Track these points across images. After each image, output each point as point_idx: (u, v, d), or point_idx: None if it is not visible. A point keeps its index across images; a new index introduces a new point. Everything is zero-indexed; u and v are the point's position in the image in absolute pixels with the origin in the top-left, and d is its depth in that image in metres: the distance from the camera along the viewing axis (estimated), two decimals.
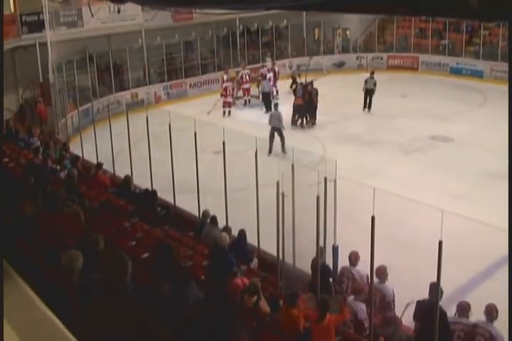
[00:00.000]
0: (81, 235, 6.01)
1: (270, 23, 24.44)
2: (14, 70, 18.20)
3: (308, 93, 18.22)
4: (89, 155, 13.49)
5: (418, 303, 6.87)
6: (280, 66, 24.62)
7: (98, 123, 15.39)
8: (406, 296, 7.18)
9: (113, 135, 12.78)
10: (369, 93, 19.31)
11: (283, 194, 7.85)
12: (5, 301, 2.69)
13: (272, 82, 21.13)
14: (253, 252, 8.85)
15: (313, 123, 18.20)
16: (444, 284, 6.50)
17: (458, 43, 24.66)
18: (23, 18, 17.89)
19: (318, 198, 7.47)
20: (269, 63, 22.51)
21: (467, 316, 6.60)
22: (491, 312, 6.38)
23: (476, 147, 15.28)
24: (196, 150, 10.31)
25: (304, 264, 8.16)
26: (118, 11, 19.62)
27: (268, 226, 8.61)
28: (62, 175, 10.60)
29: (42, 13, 17.51)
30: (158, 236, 8.35)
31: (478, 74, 23.36)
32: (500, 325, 6.28)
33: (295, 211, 7.97)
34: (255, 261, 8.61)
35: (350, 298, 7.18)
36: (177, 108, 18.82)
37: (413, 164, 14.52)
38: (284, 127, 15.97)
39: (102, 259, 2.90)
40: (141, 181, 11.30)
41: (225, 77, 20.44)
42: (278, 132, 15.57)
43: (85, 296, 3.65)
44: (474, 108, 19.52)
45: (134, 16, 20.69)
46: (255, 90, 21.19)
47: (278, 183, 7.84)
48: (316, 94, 18.39)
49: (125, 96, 20.01)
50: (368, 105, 19.38)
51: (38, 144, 13.24)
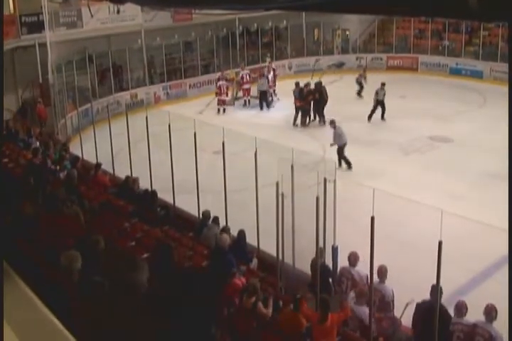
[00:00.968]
0: (81, 235, 6.01)
1: (270, 24, 24.44)
2: (14, 71, 18.19)
3: (319, 92, 18.42)
4: (88, 155, 13.48)
5: (418, 305, 6.86)
6: (280, 66, 24.68)
7: (98, 123, 15.39)
8: (406, 296, 7.18)
9: (113, 135, 12.78)
10: (381, 104, 18.46)
11: (283, 194, 7.85)
12: (5, 301, 2.69)
13: (272, 82, 21.20)
14: (253, 252, 8.84)
15: (324, 121, 18.23)
16: (444, 284, 6.50)
17: (457, 44, 24.67)
18: (23, 19, 17.88)
19: (317, 199, 7.47)
20: (271, 64, 22.63)
21: (464, 315, 6.60)
22: (491, 312, 6.38)
23: (476, 147, 15.28)
24: (196, 150, 10.31)
25: (304, 264, 8.16)
26: (117, 12, 19.63)
27: (268, 226, 8.61)
28: (61, 176, 10.60)
29: (41, 14, 17.50)
30: (158, 236, 8.35)
31: (477, 74, 23.36)
32: (500, 325, 6.28)
33: (295, 211, 7.97)
34: (255, 261, 8.61)
35: (352, 303, 7.17)
36: (177, 108, 18.83)
37: (413, 164, 14.52)
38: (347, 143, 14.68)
39: (116, 261, 2.89)
40: (140, 181, 11.28)
41: (219, 76, 20.74)
42: (342, 149, 14.48)
43: (85, 296, 3.65)
44: (474, 108, 19.53)
45: (134, 17, 20.69)
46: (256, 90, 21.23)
47: (278, 184, 7.84)
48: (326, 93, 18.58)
49: (125, 96, 20.01)
50: (382, 116, 18.49)
51: (37, 145, 13.23)
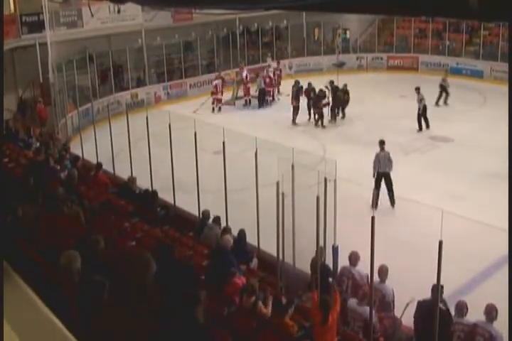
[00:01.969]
0: (81, 235, 6.01)
1: (270, 24, 24.46)
2: (14, 70, 18.21)
3: (333, 92, 18.50)
4: (89, 155, 13.49)
5: (419, 303, 6.87)
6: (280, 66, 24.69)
7: (98, 123, 15.38)
8: (406, 296, 7.18)
9: (113, 135, 12.79)
10: (425, 110, 17.32)
11: (283, 194, 7.85)
12: (5, 301, 2.69)
13: (275, 82, 21.40)
14: (253, 252, 8.85)
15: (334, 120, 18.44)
16: (444, 284, 6.50)
17: (458, 43, 24.66)
18: (23, 19, 17.89)
19: (318, 198, 7.47)
20: (274, 63, 22.68)
21: (464, 315, 6.61)
22: (491, 312, 6.38)
23: (476, 147, 15.29)
24: (196, 150, 10.31)
25: (304, 264, 8.16)
26: (118, 11, 19.64)
27: (268, 226, 8.61)
28: (62, 175, 10.60)
29: (42, 14, 17.51)
30: (158, 236, 8.35)
31: (478, 74, 23.36)
32: (500, 325, 6.28)
33: (295, 211, 7.97)
34: (255, 261, 8.61)
35: (354, 302, 7.17)
36: (177, 108, 18.83)
37: (413, 164, 14.51)
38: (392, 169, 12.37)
39: (126, 260, 2.89)
40: (141, 181, 11.29)
41: (216, 75, 20.97)
42: (386, 178, 12.20)
43: (85, 296, 3.65)
44: (474, 108, 19.52)
45: (134, 16, 20.70)
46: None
47: (278, 183, 7.84)
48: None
49: (125, 96, 20.02)
50: (426, 124, 17.38)
51: (38, 145, 13.23)
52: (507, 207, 2.43)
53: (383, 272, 7.24)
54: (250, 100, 21.15)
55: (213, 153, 12.35)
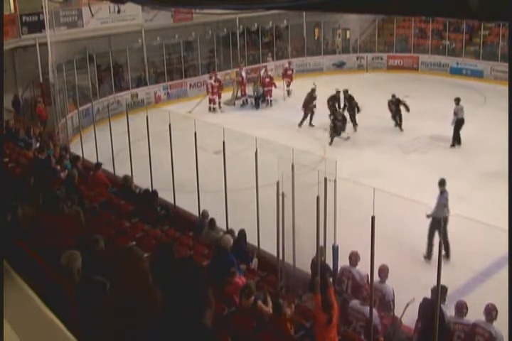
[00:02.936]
0: (81, 235, 6.01)
1: (270, 23, 24.45)
2: (14, 70, 18.21)
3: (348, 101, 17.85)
4: (89, 155, 13.49)
5: (424, 300, 6.85)
6: (280, 66, 24.67)
7: (98, 123, 15.39)
8: (406, 296, 7.18)
9: (113, 135, 12.79)
10: (461, 124, 15.77)
11: (283, 194, 7.85)
12: (5, 301, 2.69)
13: (287, 82, 21.55)
14: (253, 252, 8.85)
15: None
16: (444, 284, 6.50)
17: (458, 43, 24.67)
18: (23, 18, 17.90)
19: (318, 198, 7.47)
20: (272, 64, 22.60)
21: (464, 315, 6.61)
22: (491, 312, 6.39)
23: (476, 147, 15.28)
24: (196, 150, 10.31)
25: (304, 264, 8.16)
26: (118, 11, 19.65)
27: (268, 226, 8.61)
28: (62, 175, 10.60)
29: (42, 13, 17.51)
30: (158, 236, 8.35)
31: (478, 74, 23.36)
32: (500, 325, 6.28)
33: (295, 211, 7.97)
34: (255, 261, 8.61)
35: (356, 303, 7.17)
36: (177, 108, 18.83)
37: (413, 164, 14.52)
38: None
39: (118, 258, 2.88)
40: (141, 181, 11.29)
41: (210, 75, 20.95)
42: (439, 226, 9.75)
43: (86, 295, 3.65)
44: (474, 108, 19.51)
45: (134, 16, 20.70)
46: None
47: (278, 183, 7.84)
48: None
49: (125, 96, 20.00)
50: (458, 139, 15.84)
51: (37, 145, 13.23)
52: (507, 207, 2.43)
53: (383, 272, 7.24)
54: (247, 100, 21.15)
55: (213, 153, 12.35)
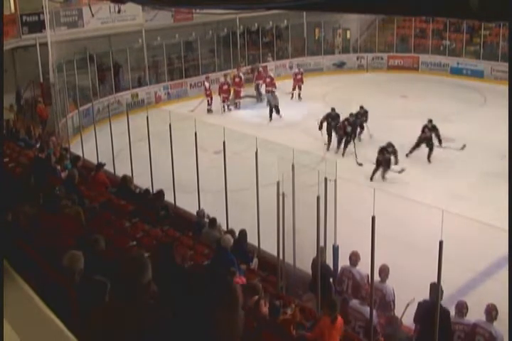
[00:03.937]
0: (81, 235, 6.01)
1: (270, 23, 24.45)
2: (14, 70, 18.21)
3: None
4: (89, 155, 13.49)
5: (419, 305, 6.86)
6: (280, 66, 24.68)
7: (98, 123, 15.40)
8: (406, 296, 7.18)
9: (113, 135, 12.80)
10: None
11: (283, 194, 7.85)
12: (5, 301, 2.69)
13: (298, 87, 21.37)
14: (253, 252, 8.85)
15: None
16: (444, 284, 6.50)
17: (458, 43, 24.67)
18: (24, 18, 17.91)
19: (318, 198, 7.47)
20: (296, 67, 22.44)
21: (464, 315, 6.61)
22: (491, 312, 6.39)
23: (477, 147, 15.27)
24: (196, 150, 10.31)
25: (305, 264, 8.16)
26: (118, 11, 19.59)
27: (268, 226, 8.61)
28: (62, 175, 10.60)
29: (42, 13, 17.52)
30: (158, 236, 8.35)
31: (478, 74, 23.35)
32: (500, 325, 6.29)
33: (295, 211, 7.97)
34: (255, 261, 8.61)
35: (356, 302, 7.17)
36: (177, 108, 18.83)
37: (414, 164, 14.51)
38: None
39: (121, 260, 2.88)
40: (141, 181, 11.30)
41: (206, 76, 21.04)
42: None
43: (87, 295, 3.66)
44: (474, 108, 19.52)
45: (134, 16, 20.69)
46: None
47: (278, 183, 7.84)
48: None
49: (125, 96, 20.00)
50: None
51: (38, 145, 13.24)
52: (507, 207, 2.43)
53: (384, 272, 7.24)
54: (240, 102, 21.02)
55: (214, 153, 12.36)
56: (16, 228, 5.46)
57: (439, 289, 6.30)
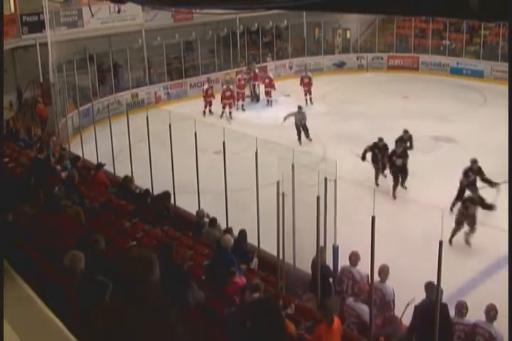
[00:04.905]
0: (81, 235, 6.01)
1: (270, 23, 24.46)
2: (14, 70, 18.21)
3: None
4: (89, 155, 13.49)
5: (416, 309, 6.83)
6: (280, 66, 24.67)
7: (98, 123, 15.39)
8: (406, 296, 7.18)
9: (113, 135, 12.80)
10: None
11: (283, 194, 7.85)
12: (5, 301, 2.69)
13: (307, 91, 20.82)
14: (253, 252, 8.85)
15: None
16: (444, 284, 6.50)
17: (458, 43, 24.68)
18: (23, 18, 17.90)
19: (318, 198, 7.47)
20: (306, 72, 21.82)
21: (464, 315, 6.61)
22: (491, 312, 6.39)
23: (477, 147, 15.26)
24: (196, 150, 10.31)
25: (305, 264, 8.16)
26: (118, 11, 19.60)
27: (268, 226, 8.61)
28: (62, 175, 10.60)
29: (42, 13, 17.52)
30: (158, 236, 8.35)
31: (478, 74, 23.35)
32: (500, 325, 6.28)
33: (295, 211, 7.97)
34: (255, 261, 8.61)
35: (351, 300, 7.18)
36: (177, 108, 18.83)
37: (414, 164, 14.49)
38: None
39: (125, 259, 2.86)
40: (141, 181, 11.30)
41: (205, 78, 21.11)
42: None
43: (87, 296, 3.66)
44: (474, 108, 19.52)
45: (134, 16, 20.69)
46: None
47: (278, 183, 7.83)
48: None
49: (125, 96, 20.01)
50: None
51: (38, 145, 13.24)
52: (507, 207, 2.43)
53: (384, 272, 7.24)
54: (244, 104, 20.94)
55: (213, 153, 12.36)
56: (16, 228, 5.47)
57: (439, 289, 6.29)
